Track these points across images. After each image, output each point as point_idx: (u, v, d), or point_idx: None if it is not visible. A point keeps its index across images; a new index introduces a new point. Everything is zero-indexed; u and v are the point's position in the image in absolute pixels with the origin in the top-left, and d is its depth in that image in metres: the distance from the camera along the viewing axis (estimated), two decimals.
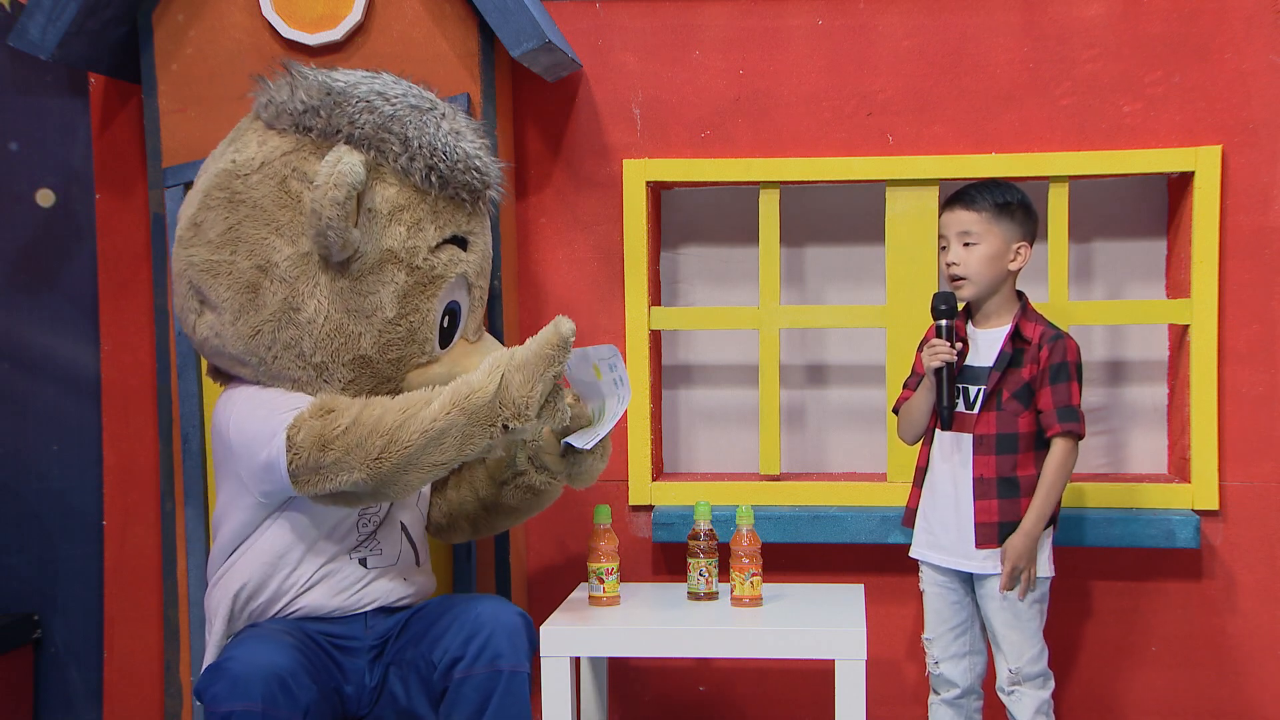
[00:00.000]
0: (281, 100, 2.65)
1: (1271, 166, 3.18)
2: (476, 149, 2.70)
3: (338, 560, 2.69)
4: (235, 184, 2.66)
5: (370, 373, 2.65)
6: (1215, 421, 3.20)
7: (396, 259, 2.62)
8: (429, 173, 2.62)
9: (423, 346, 2.68)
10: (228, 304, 2.64)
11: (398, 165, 2.61)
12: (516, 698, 2.58)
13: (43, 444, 3.51)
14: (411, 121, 2.62)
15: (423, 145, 2.61)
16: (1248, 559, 3.23)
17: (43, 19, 3.07)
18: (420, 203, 2.64)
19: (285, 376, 2.65)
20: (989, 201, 2.89)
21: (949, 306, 2.90)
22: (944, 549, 2.95)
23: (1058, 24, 3.21)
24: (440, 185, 2.64)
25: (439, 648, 2.62)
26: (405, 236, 2.62)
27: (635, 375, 3.34)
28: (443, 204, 2.67)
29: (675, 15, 3.30)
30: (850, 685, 2.71)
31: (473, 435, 2.43)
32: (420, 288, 2.65)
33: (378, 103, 2.62)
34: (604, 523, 2.93)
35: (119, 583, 3.42)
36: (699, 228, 3.48)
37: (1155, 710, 3.28)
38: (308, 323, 2.61)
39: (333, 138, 2.61)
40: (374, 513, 2.73)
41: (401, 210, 2.63)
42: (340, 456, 2.45)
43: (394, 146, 2.61)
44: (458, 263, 2.70)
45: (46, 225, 3.48)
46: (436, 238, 2.66)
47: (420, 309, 2.66)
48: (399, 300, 2.63)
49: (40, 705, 3.52)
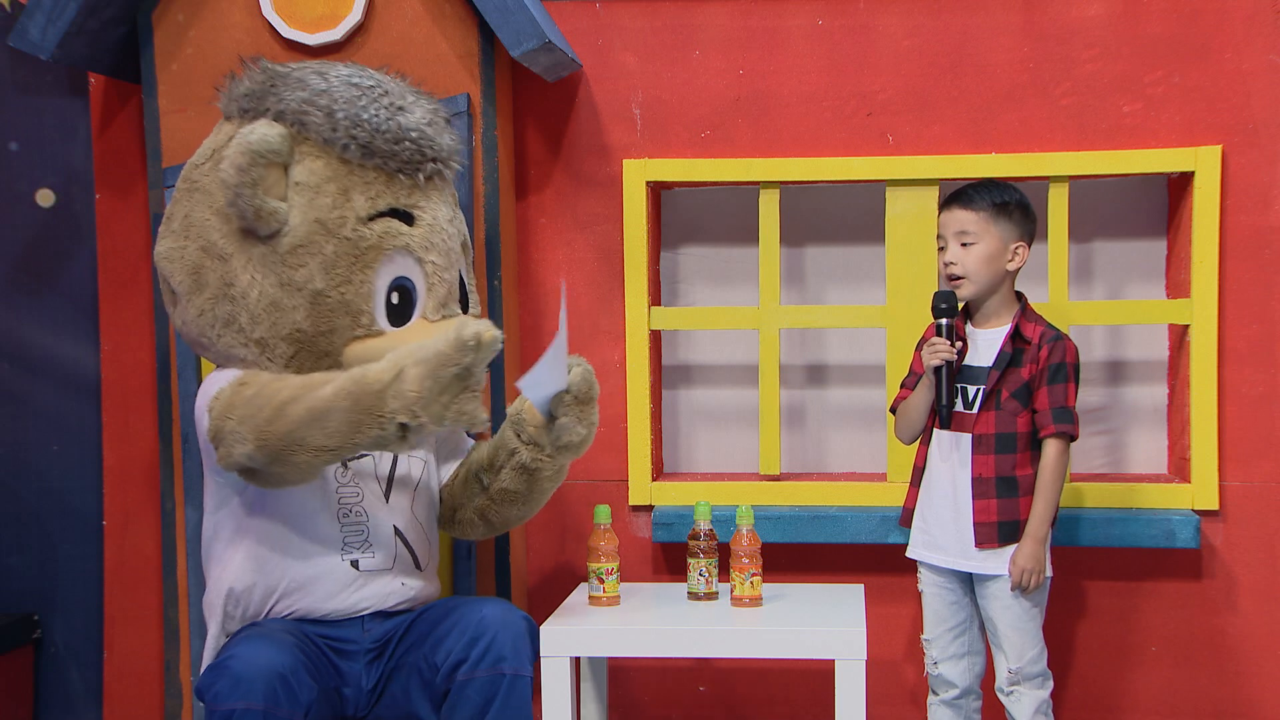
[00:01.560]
0: (231, 89, 2.74)
1: (1271, 166, 3.18)
2: (421, 124, 2.69)
3: (326, 561, 2.68)
4: (193, 174, 2.75)
5: (309, 347, 2.65)
6: (1215, 421, 3.20)
7: (325, 230, 2.63)
8: (351, 143, 2.63)
9: (357, 319, 2.65)
10: (182, 288, 2.70)
11: (321, 137, 2.63)
12: (518, 701, 2.58)
13: (43, 444, 3.51)
14: (341, 96, 2.64)
15: (348, 117, 2.62)
16: (1248, 559, 3.23)
17: (43, 19, 3.07)
18: (349, 174, 2.65)
19: (233, 356, 2.68)
20: (987, 201, 2.89)
21: (949, 305, 2.90)
22: (942, 549, 2.95)
23: (1058, 24, 3.21)
24: (363, 155, 2.64)
25: (441, 650, 2.62)
26: (330, 207, 2.63)
27: (635, 375, 3.34)
28: (375, 175, 2.66)
29: (675, 15, 3.30)
30: (850, 685, 2.71)
31: (361, 424, 2.40)
32: (351, 259, 2.64)
33: (312, 80, 2.66)
34: (604, 523, 2.93)
35: (119, 583, 3.42)
36: (699, 228, 3.48)
37: (1155, 710, 3.28)
38: (242, 297, 2.63)
39: (261, 114, 2.66)
40: (357, 512, 2.71)
41: (328, 181, 2.64)
42: (235, 426, 2.48)
43: (316, 119, 2.63)
44: (396, 235, 2.67)
45: (46, 225, 3.48)
46: (369, 209, 2.65)
47: (353, 280, 2.64)
48: (326, 271, 2.62)
49: (40, 705, 3.52)
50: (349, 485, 2.72)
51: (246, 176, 2.56)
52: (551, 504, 3.31)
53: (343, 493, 2.71)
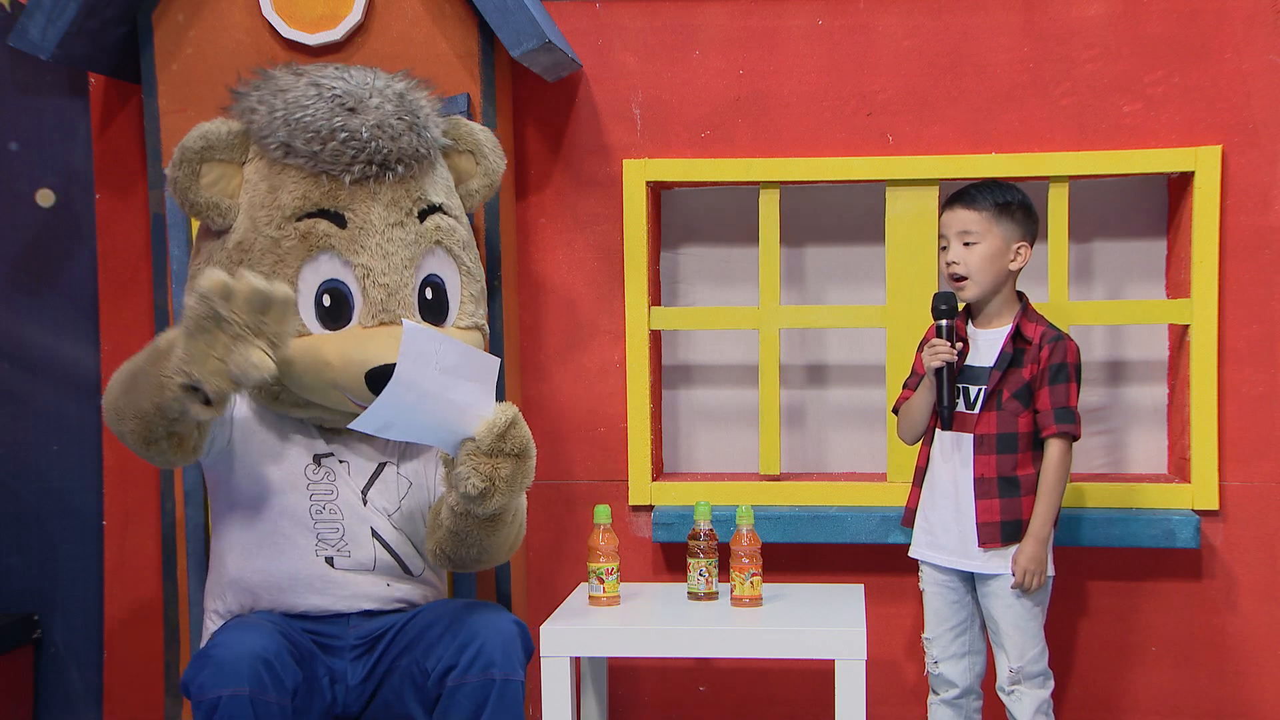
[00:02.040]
0: (234, 89, 2.77)
1: (1271, 166, 3.18)
2: (365, 124, 2.64)
3: (301, 558, 2.68)
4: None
5: None
6: (1215, 421, 3.20)
7: (255, 227, 2.66)
8: (272, 139, 2.65)
9: None
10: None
11: (257, 135, 2.66)
12: (510, 706, 2.57)
13: (43, 444, 3.50)
14: (294, 96, 2.65)
15: (283, 116, 2.63)
16: (1248, 559, 3.23)
17: (43, 19, 3.07)
18: (278, 173, 2.66)
19: None
20: (990, 201, 2.89)
21: (949, 306, 2.90)
22: (944, 549, 2.95)
23: (1058, 24, 3.21)
24: (284, 154, 2.65)
25: (433, 655, 2.61)
26: (260, 205, 2.66)
27: (635, 375, 3.34)
28: (301, 175, 2.66)
29: (675, 15, 3.30)
30: (850, 685, 2.71)
31: (160, 385, 2.36)
32: (274, 257, 2.64)
33: (284, 80, 2.69)
34: (604, 523, 2.93)
35: (119, 583, 3.42)
36: (699, 228, 3.48)
37: (1155, 710, 3.28)
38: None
39: (237, 110, 2.72)
40: (331, 510, 2.70)
41: (262, 180, 2.67)
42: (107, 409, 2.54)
43: (259, 117, 2.66)
44: (320, 236, 2.65)
45: (46, 225, 3.48)
46: (295, 208, 2.65)
47: (277, 275, 2.62)
48: (253, 268, 2.62)
49: (40, 705, 3.52)
50: (321, 482, 2.71)
51: (177, 171, 2.63)
52: (551, 504, 3.32)
53: (314, 489, 2.70)
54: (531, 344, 3.38)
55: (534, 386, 3.38)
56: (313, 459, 2.72)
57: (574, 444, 3.38)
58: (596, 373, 3.37)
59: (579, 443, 3.39)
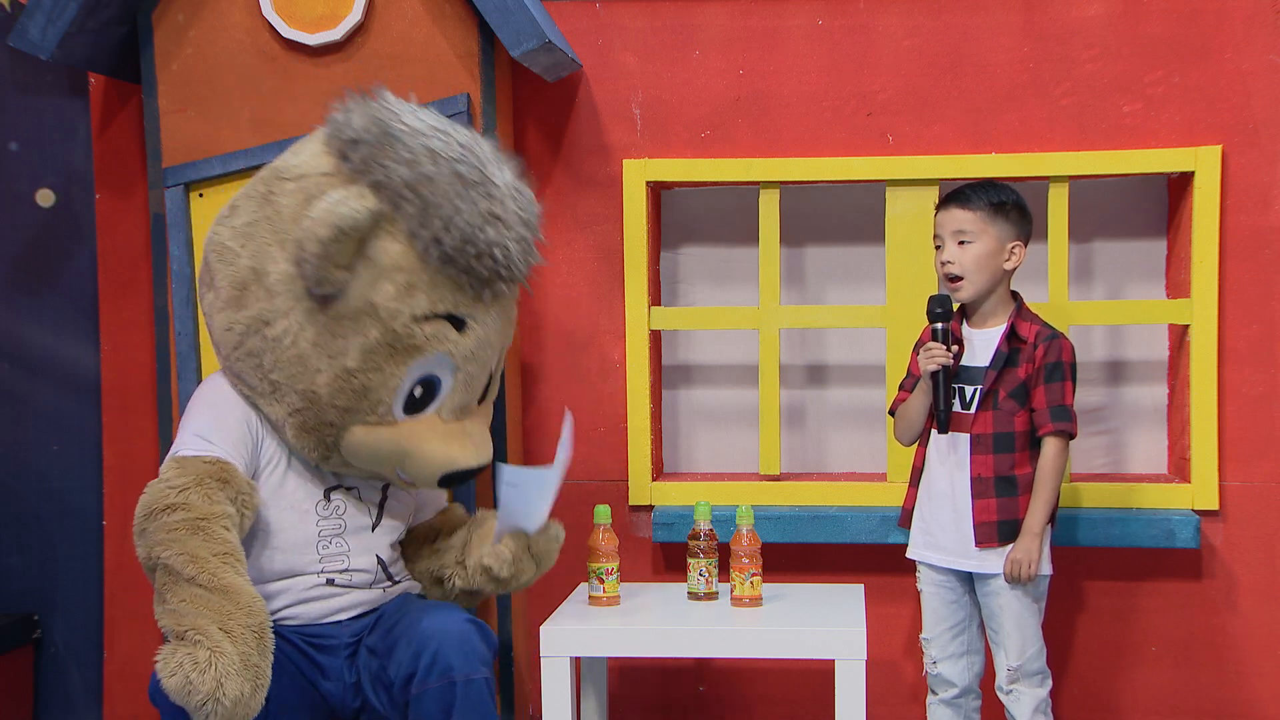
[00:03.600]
0: (341, 121, 2.57)
1: (1271, 166, 3.18)
2: (508, 239, 2.56)
3: (299, 575, 2.67)
4: (275, 184, 2.62)
5: (316, 411, 2.59)
6: (1215, 421, 3.20)
7: (375, 314, 2.54)
8: (434, 244, 2.51)
9: (374, 407, 2.59)
10: (221, 291, 2.64)
11: (409, 226, 2.51)
12: (477, 704, 2.56)
13: (43, 444, 3.51)
14: (444, 188, 2.50)
15: (441, 216, 2.49)
16: (1248, 559, 3.23)
17: (43, 19, 3.07)
18: (420, 269, 2.53)
19: (243, 380, 2.64)
20: (984, 201, 2.90)
21: (945, 309, 2.90)
22: (942, 549, 2.95)
23: (1058, 24, 3.21)
24: (442, 261, 2.53)
25: (393, 663, 2.61)
26: (392, 296, 2.54)
27: (635, 375, 3.34)
28: (444, 279, 2.56)
29: (675, 15, 3.30)
30: (850, 685, 2.72)
31: (162, 607, 2.49)
32: (390, 350, 2.57)
33: (422, 159, 2.50)
34: (604, 523, 2.94)
35: (119, 583, 3.42)
36: (699, 228, 3.48)
37: (1155, 710, 3.28)
38: (274, 340, 2.57)
39: (363, 176, 2.51)
40: (337, 543, 2.70)
41: (398, 270, 2.53)
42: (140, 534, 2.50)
43: (411, 207, 2.49)
44: (443, 340, 2.59)
45: (46, 225, 3.48)
46: (427, 309, 2.56)
47: (383, 370, 2.57)
48: (363, 354, 2.56)
49: (40, 705, 3.52)
50: (329, 518, 2.71)
51: (322, 249, 2.46)
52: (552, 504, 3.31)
53: (323, 525, 2.70)
54: (531, 344, 3.38)
55: (534, 386, 3.38)
56: (324, 494, 2.71)
57: (574, 444, 3.37)
58: (596, 373, 3.37)
59: (579, 443, 3.36)
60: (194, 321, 3.18)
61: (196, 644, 2.36)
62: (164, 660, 2.37)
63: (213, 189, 3.19)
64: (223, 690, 2.33)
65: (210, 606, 2.39)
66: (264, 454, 2.67)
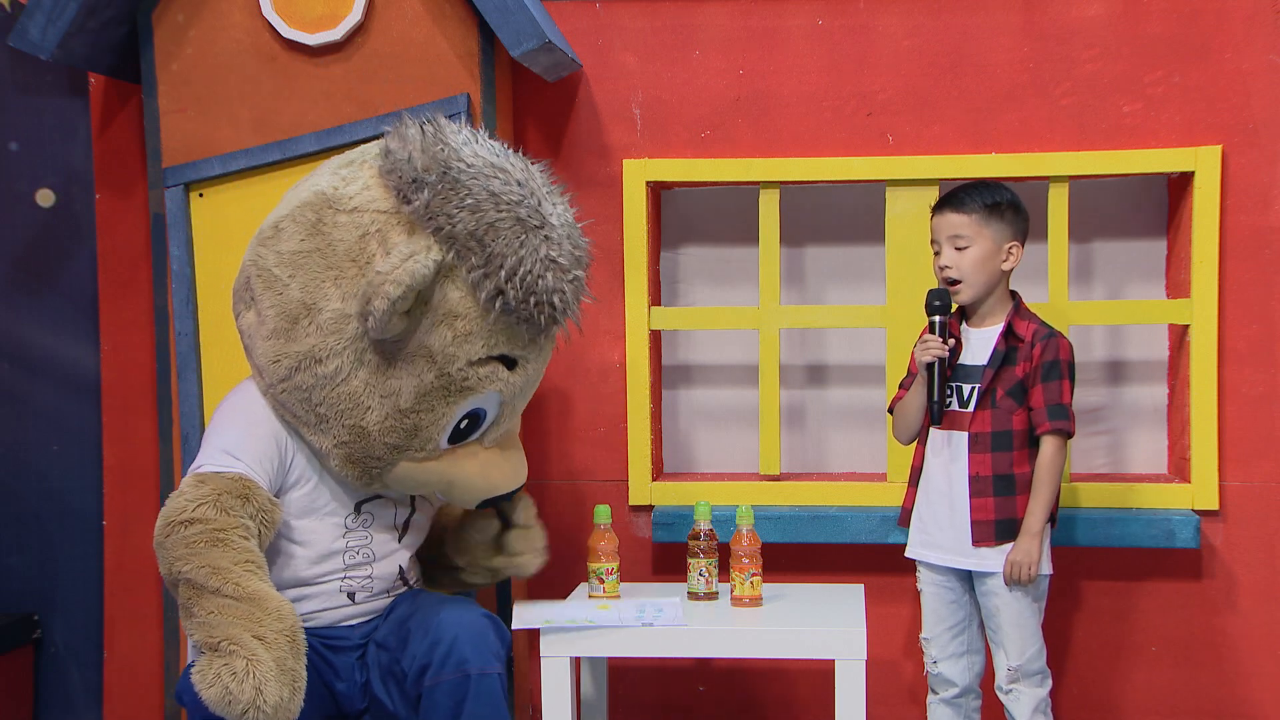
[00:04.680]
0: (401, 157, 2.52)
1: (1271, 166, 3.18)
2: (564, 282, 2.56)
3: (321, 584, 2.68)
4: (326, 213, 2.57)
5: (364, 446, 2.59)
6: (1215, 421, 3.20)
7: (431, 358, 2.54)
8: (498, 296, 2.51)
9: (424, 444, 2.61)
10: (267, 318, 2.60)
11: (471, 276, 2.50)
12: (489, 699, 2.56)
13: (43, 444, 3.50)
14: (507, 237, 2.49)
15: (504, 266, 2.48)
16: (1248, 559, 3.23)
17: (43, 19, 3.07)
18: (480, 317, 2.53)
19: (289, 409, 2.62)
20: (979, 203, 2.90)
21: (943, 303, 2.91)
22: (941, 548, 2.95)
23: (1058, 24, 3.21)
24: (504, 310, 2.53)
25: (407, 654, 2.62)
26: (449, 342, 2.53)
27: (635, 375, 3.34)
28: (501, 325, 2.55)
29: (675, 15, 3.30)
30: (850, 685, 2.71)
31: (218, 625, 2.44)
32: (444, 392, 2.57)
33: (485, 205, 2.48)
34: (604, 523, 2.94)
35: (119, 583, 3.42)
36: (699, 228, 3.48)
37: (1155, 710, 3.28)
38: (326, 377, 2.55)
39: (426, 222, 2.48)
40: (364, 554, 2.71)
41: (457, 318, 2.53)
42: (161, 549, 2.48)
43: (474, 259, 2.48)
44: (495, 380, 2.60)
45: (46, 225, 3.48)
46: (482, 353, 2.57)
47: (435, 410, 2.58)
48: (417, 397, 2.56)
49: (40, 705, 3.52)
50: (357, 530, 2.71)
51: (393, 306, 2.44)
52: (551, 504, 3.32)
53: (350, 538, 2.70)
54: None
55: None
56: (354, 508, 2.71)
57: (574, 444, 3.38)
58: (597, 373, 3.37)
59: (579, 443, 3.39)
60: (194, 321, 3.18)
61: (232, 654, 2.35)
62: (200, 673, 2.36)
63: (213, 189, 3.18)
64: (262, 697, 2.33)
65: (240, 614, 2.38)
66: (294, 470, 2.65)
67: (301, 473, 2.65)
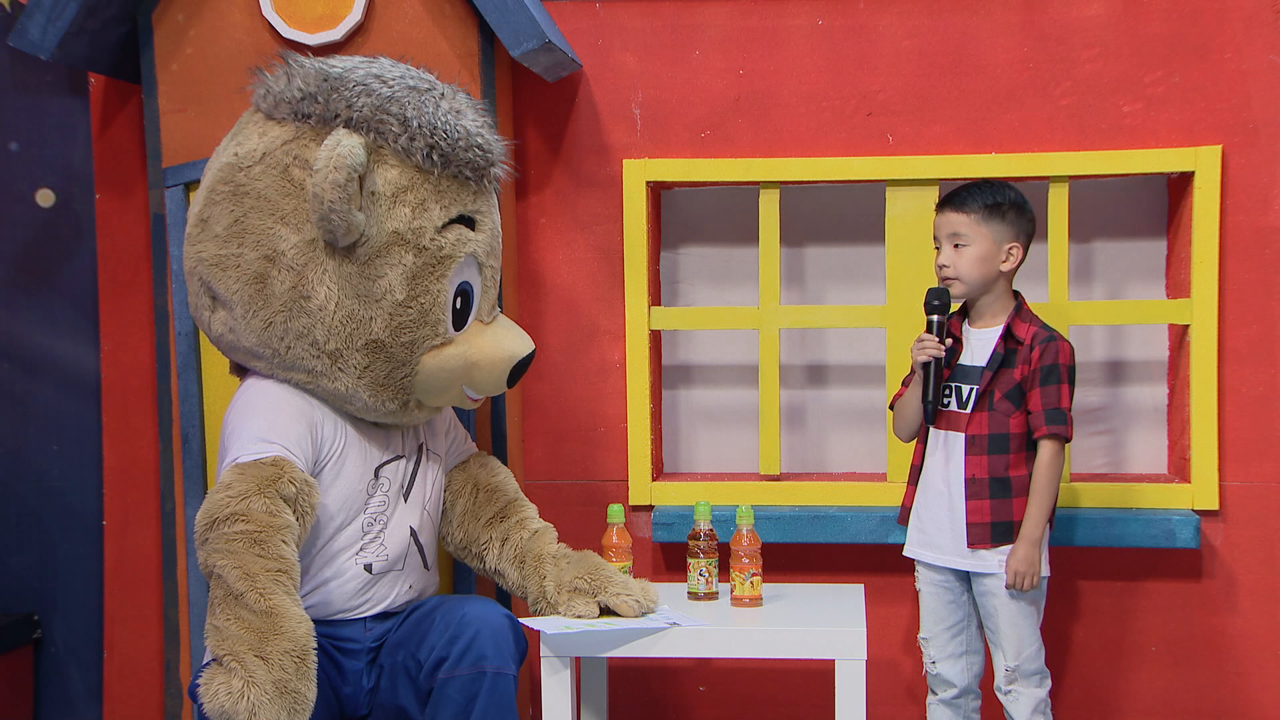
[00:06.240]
0: (279, 90, 2.64)
1: (1271, 166, 3.18)
2: (478, 126, 2.67)
3: (343, 563, 2.68)
4: (238, 176, 2.65)
5: (384, 357, 2.63)
6: (1215, 421, 3.20)
7: (403, 240, 2.60)
8: (430, 151, 2.59)
9: (435, 328, 2.65)
10: (238, 297, 2.63)
11: (398, 146, 2.58)
12: (501, 699, 2.57)
13: (43, 444, 3.51)
14: (410, 102, 2.59)
15: (422, 125, 2.58)
16: (1248, 559, 3.23)
17: (43, 19, 3.07)
18: (424, 183, 2.61)
19: (300, 367, 2.64)
20: (979, 203, 2.89)
21: (942, 302, 2.91)
22: (938, 548, 2.95)
23: (1058, 24, 3.21)
24: (443, 164, 2.61)
25: (424, 647, 2.62)
26: (410, 217, 2.60)
27: (635, 375, 3.34)
28: (446, 183, 2.64)
29: (675, 15, 3.30)
30: (850, 685, 2.71)
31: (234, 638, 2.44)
32: (429, 269, 2.63)
33: (374, 85, 2.59)
34: (617, 522, 2.94)
35: (119, 583, 3.42)
36: (699, 228, 3.48)
37: (1154, 710, 3.28)
38: (319, 310, 2.59)
39: (331, 123, 2.58)
40: (381, 518, 2.72)
41: (405, 191, 2.60)
42: (203, 543, 2.47)
43: (393, 127, 2.58)
44: (466, 242, 2.67)
45: (46, 225, 3.48)
46: (443, 217, 2.64)
47: (430, 290, 2.63)
48: (408, 282, 2.61)
49: (40, 705, 3.52)
50: (376, 496, 2.72)
51: (343, 193, 2.49)
52: (551, 504, 3.32)
53: (370, 504, 2.71)
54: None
55: (534, 386, 3.38)
56: (374, 473, 2.72)
57: (574, 444, 3.38)
58: (596, 373, 3.37)
59: (579, 443, 3.39)
60: (194, 321, 3.18)
61: (231, 671, 2.37)
62: (204, 684, 2.39)
63: None
64: (256, 719, 2.35)
65: (251, 630, 2.39)
66: (324, 445, 2.66)
67: (332, 445, 2.67)
